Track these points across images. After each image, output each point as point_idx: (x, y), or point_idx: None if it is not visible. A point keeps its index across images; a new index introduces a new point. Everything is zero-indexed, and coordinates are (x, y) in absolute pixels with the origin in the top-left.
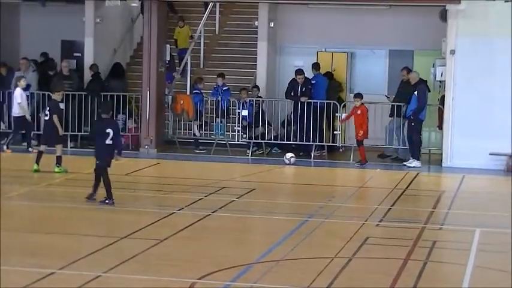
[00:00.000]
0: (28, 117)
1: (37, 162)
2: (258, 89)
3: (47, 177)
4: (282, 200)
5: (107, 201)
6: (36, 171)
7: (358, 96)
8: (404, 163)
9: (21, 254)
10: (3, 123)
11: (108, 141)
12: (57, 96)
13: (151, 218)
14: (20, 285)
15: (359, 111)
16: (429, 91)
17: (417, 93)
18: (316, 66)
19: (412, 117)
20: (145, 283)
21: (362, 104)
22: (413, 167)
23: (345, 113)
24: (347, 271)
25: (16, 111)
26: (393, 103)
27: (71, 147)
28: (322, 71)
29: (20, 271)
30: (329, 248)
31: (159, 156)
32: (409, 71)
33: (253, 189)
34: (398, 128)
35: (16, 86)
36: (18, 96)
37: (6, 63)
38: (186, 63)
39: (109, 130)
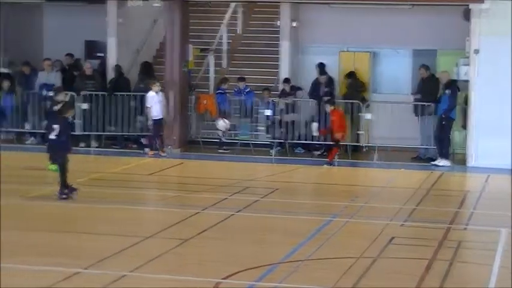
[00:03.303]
0: (165, 119)
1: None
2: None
3: (70, 178)
4: (306, 200)
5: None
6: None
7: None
8: (433, 162)
9: (45, 253)
10: (28, 123)
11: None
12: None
13: (176, 218)
14: (45, 285)
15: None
16: (459, 90)
17: (450, 93)
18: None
19: (443, 116)
20: (170, 283)
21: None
22: (442, 166)
23: (369, 112)
24: (372, 271)
25: (154, 113)
26: (416, 103)
27: (95, 147)
28: (345, 70)
29: (45, 270)
30: (354, 248)
31: (182, 156)
32: (427, 68)
33: (277, 189)
34: (424, 128)
35: (149, 89)
36: (149, 99)
37: (29, 62)
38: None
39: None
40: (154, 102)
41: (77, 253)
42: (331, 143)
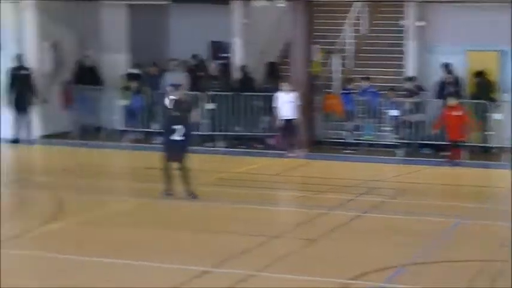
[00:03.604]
0: (295, 120)
1: None
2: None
3: (196, 177)
4: (433, 201)
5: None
6: None
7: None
8: None
9: (173, 252)
10: (156, 123)
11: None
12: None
13: (302, 218)
14: (174, 284)
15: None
16: None
17: None
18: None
19: None
20: (296, 283)
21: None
22: None
23: (499, 112)
24: (502, 275)
25: (284, 113)
26: None
27: (222, 147)
28: (473, 70)
29: (174, 269)
30: (483, 251)
31: (308, 156)
32: None
33: (404, 190)
34: None
35: (275, 89)
36: (278, 99)
37: (156, 63)
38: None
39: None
40: (284, 102)
41: (203, 252)
42: (452, 143)
